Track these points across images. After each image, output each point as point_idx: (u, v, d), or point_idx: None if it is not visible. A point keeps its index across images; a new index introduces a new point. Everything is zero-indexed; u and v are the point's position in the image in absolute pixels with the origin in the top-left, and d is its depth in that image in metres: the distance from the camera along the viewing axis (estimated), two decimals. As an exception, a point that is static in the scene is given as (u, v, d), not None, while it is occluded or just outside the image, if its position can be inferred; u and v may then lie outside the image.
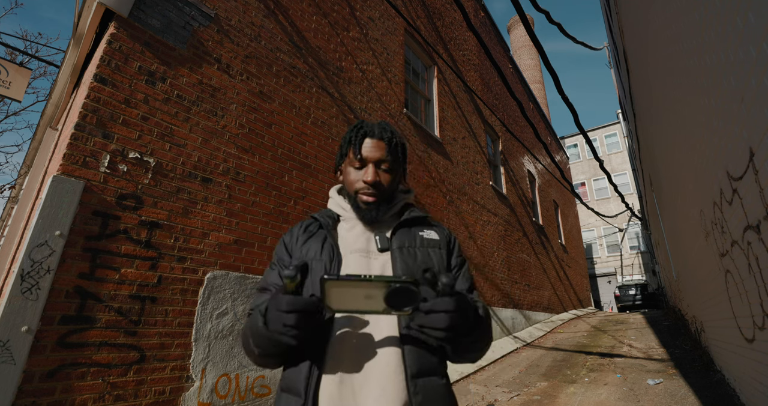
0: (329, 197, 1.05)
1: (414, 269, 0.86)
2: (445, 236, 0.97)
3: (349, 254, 0.88)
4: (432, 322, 0.67)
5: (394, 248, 0.89)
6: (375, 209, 0.91)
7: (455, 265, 0.95)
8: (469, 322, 0.73)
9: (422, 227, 0.97)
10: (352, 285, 0.65)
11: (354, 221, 0.95)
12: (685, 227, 4.61)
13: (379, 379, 0.74)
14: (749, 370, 2.70)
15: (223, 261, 2.91)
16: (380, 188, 0.91)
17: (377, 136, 0.94)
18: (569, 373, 4.88)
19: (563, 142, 29.62)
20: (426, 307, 0.68)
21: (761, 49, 1.39)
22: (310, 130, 4.02)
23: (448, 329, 0.67)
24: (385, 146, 0.93)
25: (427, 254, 0.90)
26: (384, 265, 0.87)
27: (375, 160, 0.92)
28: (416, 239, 0.92)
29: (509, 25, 33.96)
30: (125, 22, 2.65)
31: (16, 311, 1.91)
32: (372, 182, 0.90)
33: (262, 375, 2.97)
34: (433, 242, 0.94)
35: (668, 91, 3.55)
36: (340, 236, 0.93)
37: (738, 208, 2.11)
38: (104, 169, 2.39)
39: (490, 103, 9.59)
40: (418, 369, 0.76)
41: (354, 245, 0.90)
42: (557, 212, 14.78)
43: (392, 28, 6.09)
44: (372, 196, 0.91)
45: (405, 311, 0.68)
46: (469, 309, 0.74)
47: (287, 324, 0.67)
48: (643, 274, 24.32)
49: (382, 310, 0.67)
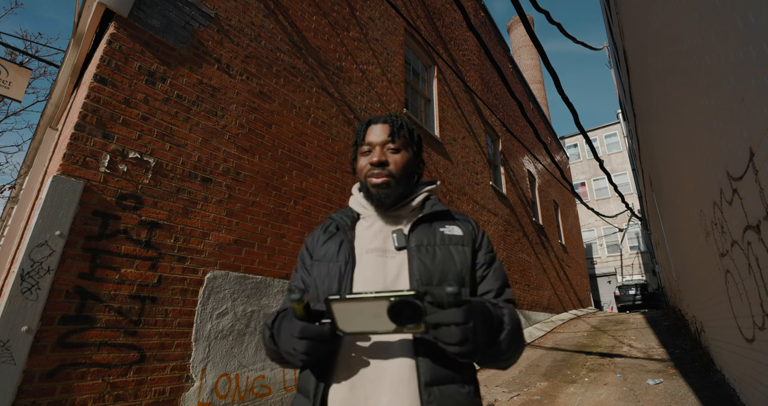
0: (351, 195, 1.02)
1: (432, 269, 0.80)
2: (469, 232, 0.90)
3: (365, 254, 0.84)
4: (442, 336, 0.62)
5: (411, 247, 0.83)
6: (386, 189, 0.87)
7: (483, 263, 0.87)
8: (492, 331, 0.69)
9: (444, 221, 0.90)
10: (356, 303, 0.62)
11: (372, 219, 0.91)
12: (685, 227, 4.61)
13: (391, 386, 0.71)
14: (749, 370, 2.70)
15: (223, 261, 2.91)
16: (389, 168, 0.88)
17: (381, 121, 0.93)
18: (569, 373, 4.88)
19: (563, 142, 29.62)
20: (432, 320, 0.62)
21: (761, 49, 1.39)
22: (310, 130, 4.02)
23: (461, 343, 0.62)
24: (389, 128, 0.91)
25: (448, 253, 0.83)
26: (400, 265, 0.81)
27: (380, 142, 0.90)
28: (436, 235, 0.86)
29: (509, 25, 33.95)
30: (125, 22, 2.65)
31: (16, 311, 1.91)
32: (378, 161, 0.87)
33: (262, 375, 2.97)
34: (456, 238, 0.87)
35: (668, 91, 3.55)
36: (357, 235, 0.89)
37: (738, 208, 2.11)
38: (104, 169, 2.39)
39: (490, 103, 9.59)
40: (433, 377, 0.71)
41: (370, 244, 0.85)
42: (557, 212, 14.78)
43: (392, 28, 6.09)
44: (380, 176, 0.87)
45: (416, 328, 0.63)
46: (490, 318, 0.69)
47: (297, 349, 0.67)
48: (643, 274, 24.32)
49: (392, 329, 0.63)
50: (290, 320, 0.71)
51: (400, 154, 0.90)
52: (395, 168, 0.88)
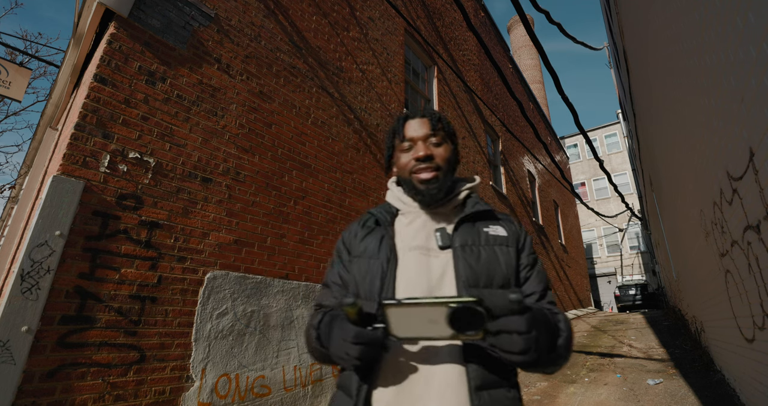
0: (387, 190, 0.98)
1: (478, 270, 0.78)
2: (513, 232, 0.88)
3: (408, 252, 0.81)
4: (504, 344, 0.61)
5: (456, 247, 0.80)
6: (435, 185, 0.84)
7: (527, 264, 0.85)
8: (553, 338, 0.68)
9: (488, 221, 0.87)
10: (413, 309, 0.61)
11: (413, 215, 0.88)
12: (685, 227, 4.61)
13: (439, 390, 0.69)
14: (749, 370, 2.70)
15: (223, 261, 2.91)
16: (436, 162, 0.85)
17: (419, 115, 0.91)
18: (569, 373, 4.88)
19: (563, 142, 29.62)
20: (495, 327, 0.61)
21: (761, 49, 1.39)
22: (310, 130, 4.02)
23: (524, 353, 0.60)
24: (429, 121, 0.89)
25: (493, 253, 0.81)
26: (445, 265, 0.79)
27: (421, 136, 0.87)
28: (480, 235, 0.83)
29: (509, 25, 33.95)
30: (125, 22, 2.65)
31: (16, 311, 1.91)
32: (424, 156, 0.84)
33: (262, 375, 2.97)
34: (500, 238, 0.84)
35: (668, 91, 3.55)
36: (397, 232, 0.86)
37: (738, 208, 2.11)
38: (104, 169, 2.39)
39: (490, 103, 9.59)
40: (483, 381, 0.70)
41: (412, 241, 0.83)
42: (557, 212, 14.78)
43: (392, 28, 6.09)
44: (429, 171, 0.84)
45: (474, 335, 0.62)
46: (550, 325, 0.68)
47: (350, 354, 0.66)
48: (643, 274, 24.32)
49: (449, 335, 0.62)
50: (342, 324, 0.69)
51: (442, 147, 0.88)
52: (441, 161, 0.86)
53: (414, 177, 0.85)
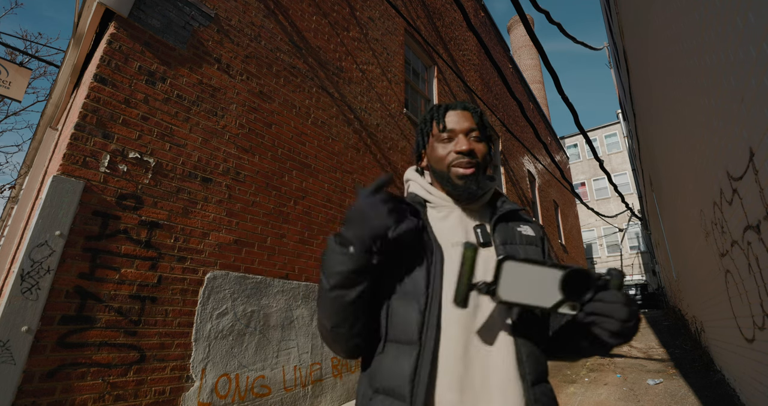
0: (407, 181, 0.93)
1: None
2: (538, 232, 0.89)
3: (451, 248, 0.78)
4: (613, 311, 0.63)
5: (498, 245, 0.81)
6: (474, 181, 0.81)
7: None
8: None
9: (517, 221, 0.88)
10: (531, 266, 0.63)
11: (447, 209, 0.85)
12: (685, 227, 4.61)
13: (500, 387, 0.68)
14: (749, 370, 2.70)
15: (223, 261, 2.91)
16: (476, 158, 0.82)
17: (460, 107, 0.87)
18: (569, 373, 4.88)
19: (563, 142, 29.62)
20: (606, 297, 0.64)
21: (761, 49, 1.39)
22: (310, 130, 4.02)
23: (628, 320, 0.63)
24: (471, 115, 0.86)
25: (529, 252, 0.83)
26: (487, 262, 0.78)
27: (464, 129, 0.83)
28: (515, 234, 0.84)
29: (509, 25, 33.96)
30: (125, 22, 2.65)
31: (16, 311, 1.91)
32: (467, 150, 0.80)
33: (262, 375, 2.97)
34: (531, 238, 0.86)
35: (668, 91, 3.56)
36: (432, 225, 0.82)
37: (738, 208, 2.11)
38: (104, 170, 2.39)
39: (490, 103, 9.59)
40: (536, 376, 0.71)
41: (453, 237, 0.80)
42: (557, 212, 14.78)
43: (392, 28, 6.09)
44: (469, 167, 0.80)
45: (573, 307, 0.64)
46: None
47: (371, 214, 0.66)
48: (643, 274, 24.33)
49: (551, 305, 0.64)
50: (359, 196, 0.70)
51: (482, 144, 0.85)
52: (482, 159, 0.83)
53: (453, 171, 0.82)
